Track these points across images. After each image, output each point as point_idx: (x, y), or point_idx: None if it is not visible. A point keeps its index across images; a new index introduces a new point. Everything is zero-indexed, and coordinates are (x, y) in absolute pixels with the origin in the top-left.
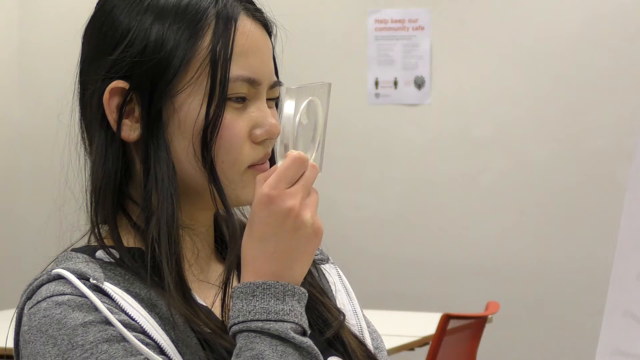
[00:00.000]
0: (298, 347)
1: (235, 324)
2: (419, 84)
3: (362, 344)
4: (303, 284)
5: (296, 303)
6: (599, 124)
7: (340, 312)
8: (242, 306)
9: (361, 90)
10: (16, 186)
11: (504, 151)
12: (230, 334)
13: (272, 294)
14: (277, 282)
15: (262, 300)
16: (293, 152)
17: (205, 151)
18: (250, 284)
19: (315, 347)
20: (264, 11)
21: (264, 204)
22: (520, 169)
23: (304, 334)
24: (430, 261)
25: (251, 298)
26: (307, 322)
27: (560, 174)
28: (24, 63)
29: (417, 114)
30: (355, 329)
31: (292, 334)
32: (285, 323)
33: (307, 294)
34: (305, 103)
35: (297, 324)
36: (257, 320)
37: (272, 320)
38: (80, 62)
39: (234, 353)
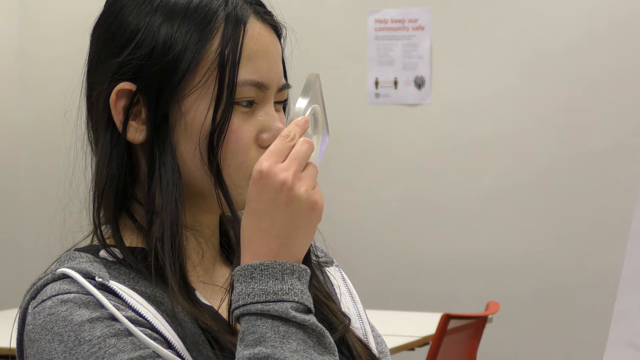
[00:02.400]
0: (301, 326)
1: (236, 308)
2: (419, 84)
3: (367, 348)
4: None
5: (296, 281)
6: (599, 124)
7: (345, 317)
8: (242, 289)
9: (361, 90)
10: (17, 186)
11: (504, 151)
12: (233, 317)
13: (270, 274)
14: (275, 261)
15: (261, 282)
16: (284, 129)
17: (212, 155)
18: (248, 265)
19: (319, 324)
20: (273, 14)
21: (256, 180)
22: (521, 169)
23: (307, 311)
24: (431, 261)
25: (250, 280)
26: (310, 299)
27: (561, 174)
28: (24, 64)
29: (417, 114)
30: (359, 333)
31: (293, 312)
32: (285, 303)
33: (308, 270)
34: (312, 108)
35: (297, 302)
36: (257, 302)
37: (271, 302)
38: (87, 62)
39: (238, 337)
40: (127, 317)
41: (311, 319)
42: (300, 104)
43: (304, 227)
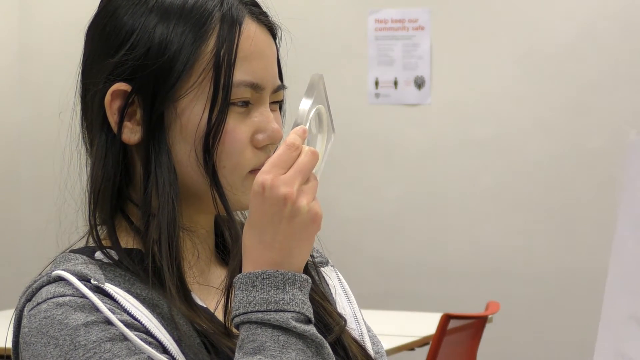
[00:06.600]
0: (301, 336)
1: (237, 316)
2: (419, 84)
3: (363, 348)
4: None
5: (297, 291)
6: (599, 124)
7: (341, 317)
8: (243, 297)
9: (361, 90)
10: (16, 187)
11: (504, 151)
12: (233, 325)
13: (271, 283)
14: (277, 271)
15: (262, 291)
16: (287, 138)
17: (208, 156)
18: (250, 274)
19: (319, 335)
20: (269, 14)
21: (258, 192)
22: (520, 169)
23: (308, 321)
24: (431, 261)
25: (251, 289)
26: (310, 309)
27: (560, 174)
28: (24, 64)
29: (417, 114)
30: (355, 333)
31: (294, 323)
32: (286, 313)
33: (309, 280)
34: (316, 108)
35: (298, 312)
36: (258, 311)
37: (272, 311)
38: (82, 62)
39: (237, 345)
40: (122, 321)
41: (311, 329)
42: (304, 105)
43: (305, 239)
